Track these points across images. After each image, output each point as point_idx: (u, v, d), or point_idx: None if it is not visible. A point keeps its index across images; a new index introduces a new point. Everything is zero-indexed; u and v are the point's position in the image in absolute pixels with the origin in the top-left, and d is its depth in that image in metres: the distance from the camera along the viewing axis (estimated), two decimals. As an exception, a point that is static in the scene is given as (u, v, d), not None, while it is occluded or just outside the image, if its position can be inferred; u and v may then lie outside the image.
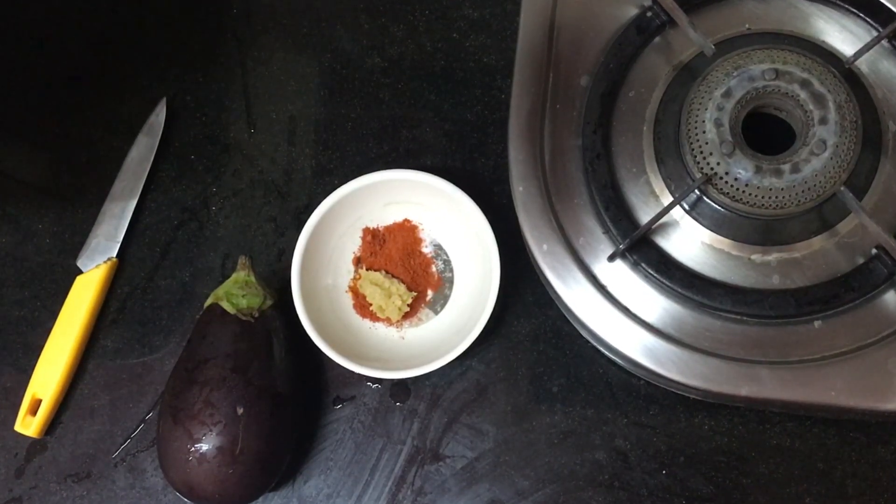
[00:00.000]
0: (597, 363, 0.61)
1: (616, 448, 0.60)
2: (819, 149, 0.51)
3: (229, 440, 0.55)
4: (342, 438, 0.61)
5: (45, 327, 0.63)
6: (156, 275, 0.65)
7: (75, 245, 0.65)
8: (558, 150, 0.57)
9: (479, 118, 0.65)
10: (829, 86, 0.52)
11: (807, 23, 0.57)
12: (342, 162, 0.66)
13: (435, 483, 0.60)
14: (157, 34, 0.69)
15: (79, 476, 0.62)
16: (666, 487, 0.59)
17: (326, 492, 0.61)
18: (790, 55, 0.53)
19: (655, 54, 0.58)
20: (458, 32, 0.67)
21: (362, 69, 0.67)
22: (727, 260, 0.55)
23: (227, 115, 0.67)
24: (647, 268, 0.55)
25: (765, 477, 0.59)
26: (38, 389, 0.62)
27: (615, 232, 0.55)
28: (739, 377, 0.53)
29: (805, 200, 0.52)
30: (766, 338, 0.54)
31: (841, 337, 0.53)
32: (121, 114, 0.67)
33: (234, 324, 0.58)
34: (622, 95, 0.58)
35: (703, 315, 0.54)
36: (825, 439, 0.59)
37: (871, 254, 0.54)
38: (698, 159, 0.53)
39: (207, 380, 0.56)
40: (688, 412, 0.60)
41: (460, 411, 0.61)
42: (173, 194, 0.66)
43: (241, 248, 0.65)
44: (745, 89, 0.53)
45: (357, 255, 0.63)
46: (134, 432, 0.63)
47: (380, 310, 0.61)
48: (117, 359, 0.64)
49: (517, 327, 0.62)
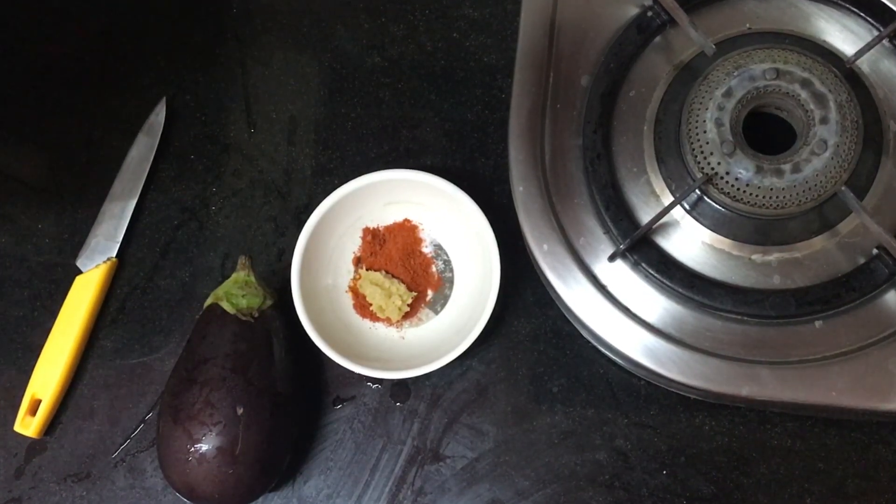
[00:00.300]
0: (597, 363, 0.61)
1: (616, 448, 0.60)
2: (820, 148, 0.51)
3: (229, 440, 0.54)
4: (342, 439, 0.61)
5: (45, 327, 0.63)
6: (155, 275, 0.65)
7: (75, 245, 0.65)
8: (559, 150, 0.57)
9: (480, 118, 0.65)
10: (829, 85, 0.52)
11: (808, 22, 0.57)
12: (342, 162, 0.66)
13: (435, 483, 0.60)
14: (157, 33, 0.69)
15: (78, 476, 0.62)
16: (666, 488, 0.59)
17: (326, 492, 0.61)
18: (791, 55, 0.53)
19: (656, 54, 0.58)
20: (459, 32, 0.67)
21: (362, 69, 0.67)
22: (728, 260, 0.55)
23: (227, 115, 0.67)
24: (647, 268, 0.55)
25: (765, 477, 0.59)
26: (38, 389, 0.62)
27: (615, 232, 0.55)
28: (740, 377, 0.53)
29: (806, 200, 0.52)
30: (767, 338, 0.54)
31: (842, 337, 0.53)
32: (121, 113, 0.67)
33: (233, 324, 0.58)
34: (623, 95, 0.58)
35: (703, 315, 0.54)
36: (826, 439, 0.59)
37: (871, 254, 0.54)
38: (699, 159, 0.53)
39: (207, 380, 0.56)
40: (688, 412, 0.60)
41: (460, 411, 0.61)
42: (173, 194, 0.66)
43: (241, 248, 0.65)
44: (745, 89, 0.52)
45: (357, 255, 0.63)
46: (134, 432, 0.62)
47: (380, 310, 0.61)
48: (117, 359, 0.64)
49: (517, 327, 0.62)
